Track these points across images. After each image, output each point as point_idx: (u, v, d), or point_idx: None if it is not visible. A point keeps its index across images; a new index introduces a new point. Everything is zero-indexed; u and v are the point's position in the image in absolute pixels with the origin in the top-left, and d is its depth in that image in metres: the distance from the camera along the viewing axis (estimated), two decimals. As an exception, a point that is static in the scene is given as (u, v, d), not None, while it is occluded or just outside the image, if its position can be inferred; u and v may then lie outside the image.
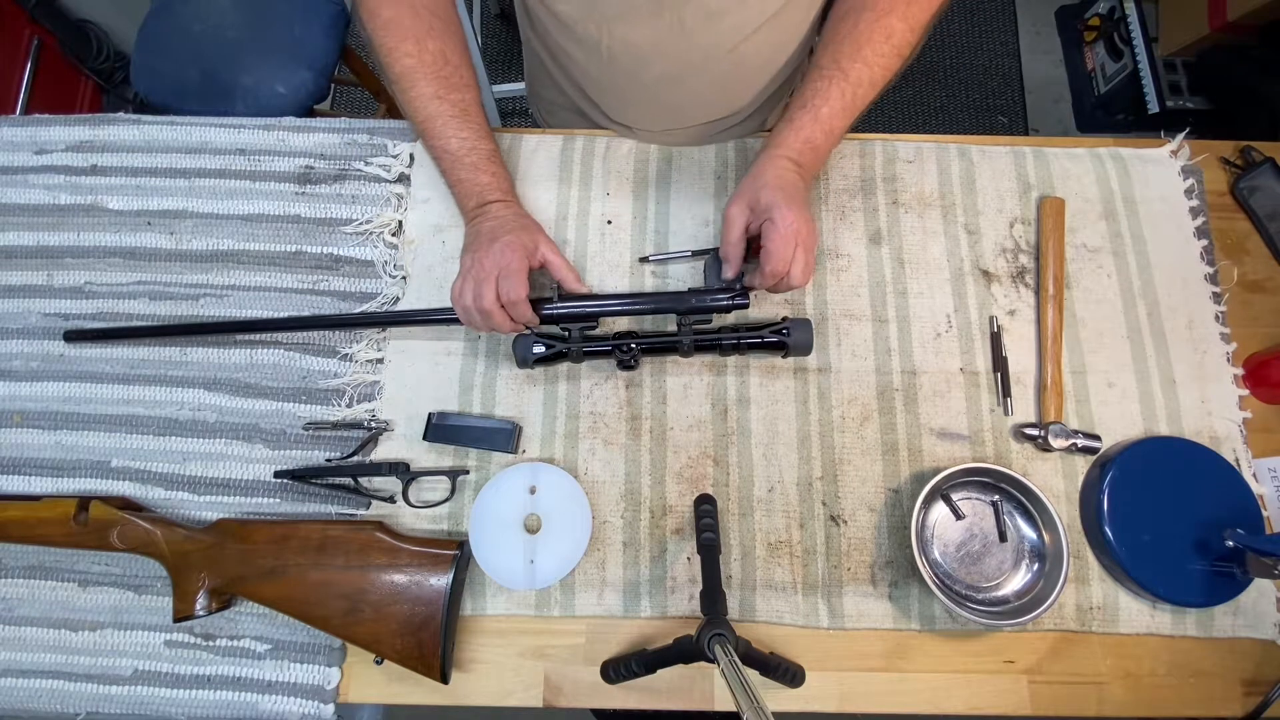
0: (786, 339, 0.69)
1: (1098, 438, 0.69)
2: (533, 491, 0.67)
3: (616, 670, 0.60)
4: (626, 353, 0.69)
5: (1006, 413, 0.71)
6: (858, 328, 0.74)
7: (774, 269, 0.63)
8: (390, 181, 0.80)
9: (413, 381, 0.73)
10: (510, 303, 0.64)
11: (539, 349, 0.69)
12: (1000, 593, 0.66)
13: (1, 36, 1.50)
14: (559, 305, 0.69)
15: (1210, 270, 0.76)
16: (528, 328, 0.69)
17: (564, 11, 0.72)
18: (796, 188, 0.65)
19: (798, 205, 0.64)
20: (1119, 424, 0.71)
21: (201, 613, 0.63)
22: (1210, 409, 0.72)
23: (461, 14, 1.36)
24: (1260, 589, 0.66)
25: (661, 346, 0.70)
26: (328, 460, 0.70)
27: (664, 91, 0.77)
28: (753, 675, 0.56)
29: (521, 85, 1.85)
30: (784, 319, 0.71)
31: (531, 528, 0.67)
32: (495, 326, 0.66)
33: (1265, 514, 0.67)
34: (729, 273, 0.69)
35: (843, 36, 0.67)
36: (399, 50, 0.68)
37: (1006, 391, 0.72)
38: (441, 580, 0.63)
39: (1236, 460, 0.70)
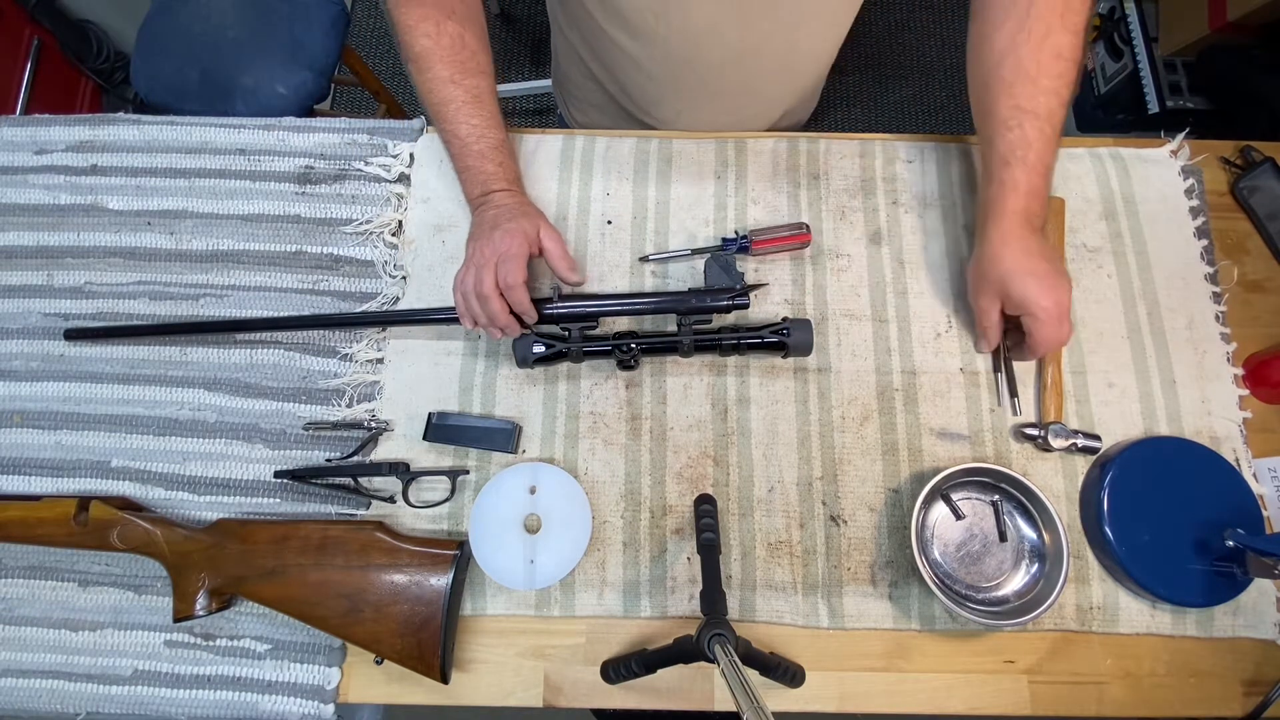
0: (786, 339, 0.69)
1: (1098, 438, 0.69)
2: (533, 491, 0.67)
3: (616, 670, 0.60)
4: (626, 353, 0.69)
5: (1015, 412, 0.71)
6: (858, 328, 0.74)
7: (1043, 351, 0.65)
8: (390, 181, 0.80)
9: (413, 381, 0.73)
10: (508, 287, 0.64)
11: (539, 349, 0.69)
12: (1000, 593, 0.66)
13: (1, 36, 1.50)
14: (559, 305, 0.69)
15: (1210, 270, 0.76)
16: (525, 325, 0.69)
17: None
18: (1042, 256, 0.63)
19: (1050, 281, 0.62)
20: (1119, 424, 0.71)
21: (201, 613, 0.63)
22: (1210, 409, 0.72)
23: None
24: (1260, 589, 0.66)
25: (661, 346, 0.70)
26: (328, 460, 0.70)
27: (715, 81, 0.77)
28: (753, 675, 0.56)
29: (522, 85, 1.86)
30: (784, 319, 0.71)
31: (531, 528, 0.67)
32: (492, 315, 0.65)
33: (1265, 514, 0.67)
34: (986, 349, 0.70)
35: (1010, 77, 0.63)
36: (418, 30, 0.68)
37: (1014, 391, 0.71)
38: (441, 580, 0.63)
39: (1236, 460, 0.70)
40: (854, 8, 0.76)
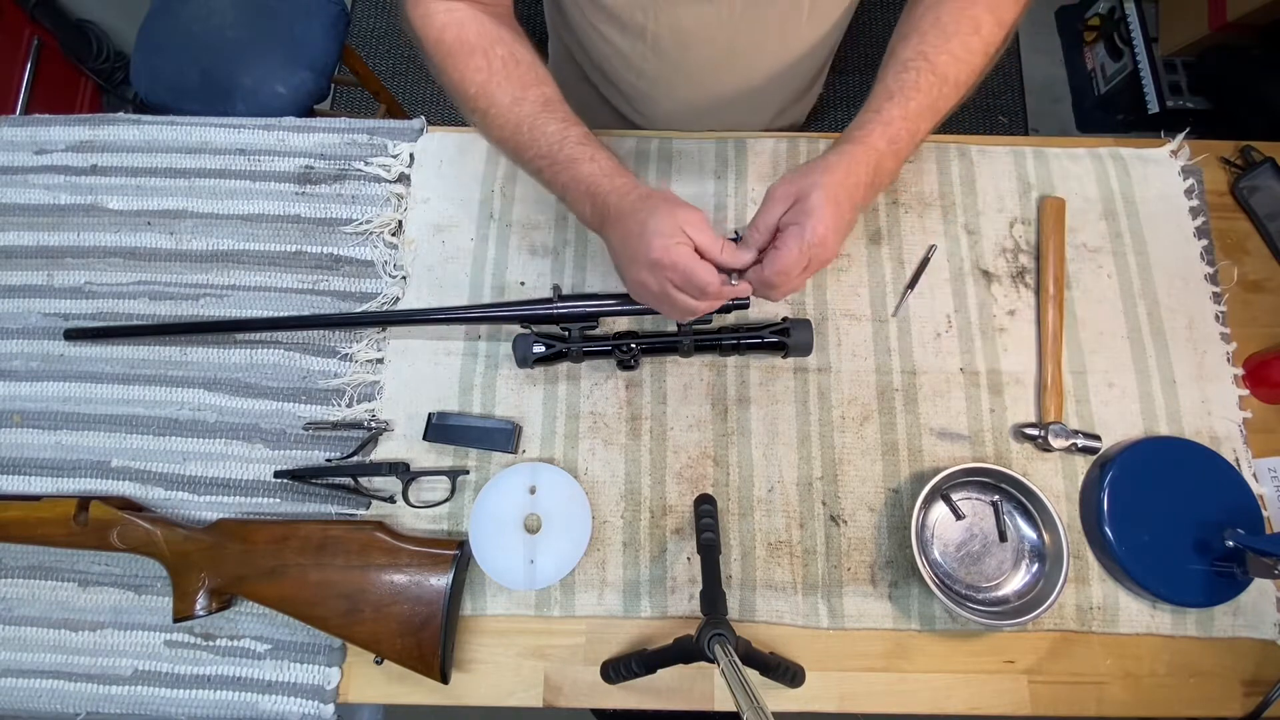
0: (786, 339, 0.69)
1: (1098, 438, 0.69)
2: (533, 491, 0.67)
3: (616, 670, 0.60)
4: (626, 353, 0.69)
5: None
6: (858, 328, 0.74)
7: (769, 276, 0.55)
8: (390, 181, 0.80)
9: (413, 381, 0.73)
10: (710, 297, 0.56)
11: (539, 348, 0.69)
12: (1000, 593, 0.66)
13: (1, 36, 1.50)
14: (559, 305, 0.69)
15: (1210, 270, 0.76)
16: (528, 328, 0.69)
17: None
18: (853, 200, 0.56)
19: (839, 223, 0.54)
20: (1119, 424, 0.71)
21: (201, 613, 0.63)
22: (1210, 409, 0.72)
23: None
24: (1260, 589, 0.66)
25: (661, 346, 0.70)
26: (328, 460, 0.70)
27: (706, 81, 0.77)
28: (753, 675, 0.56)
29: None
30: (784, 319, 0.71)
31: (531, 528, 0.67)
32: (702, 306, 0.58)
33: (1265, 514, 0.67)
34: (745, 255, 0.57)
35: (926, 28, 0.60)
36: (469, 68, 0.62)
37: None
38: (441, 580, 0.63)
39: (1236, 460, 0.70)
40: (848, 11, 0.76)
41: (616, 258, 0.60)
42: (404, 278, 0.76)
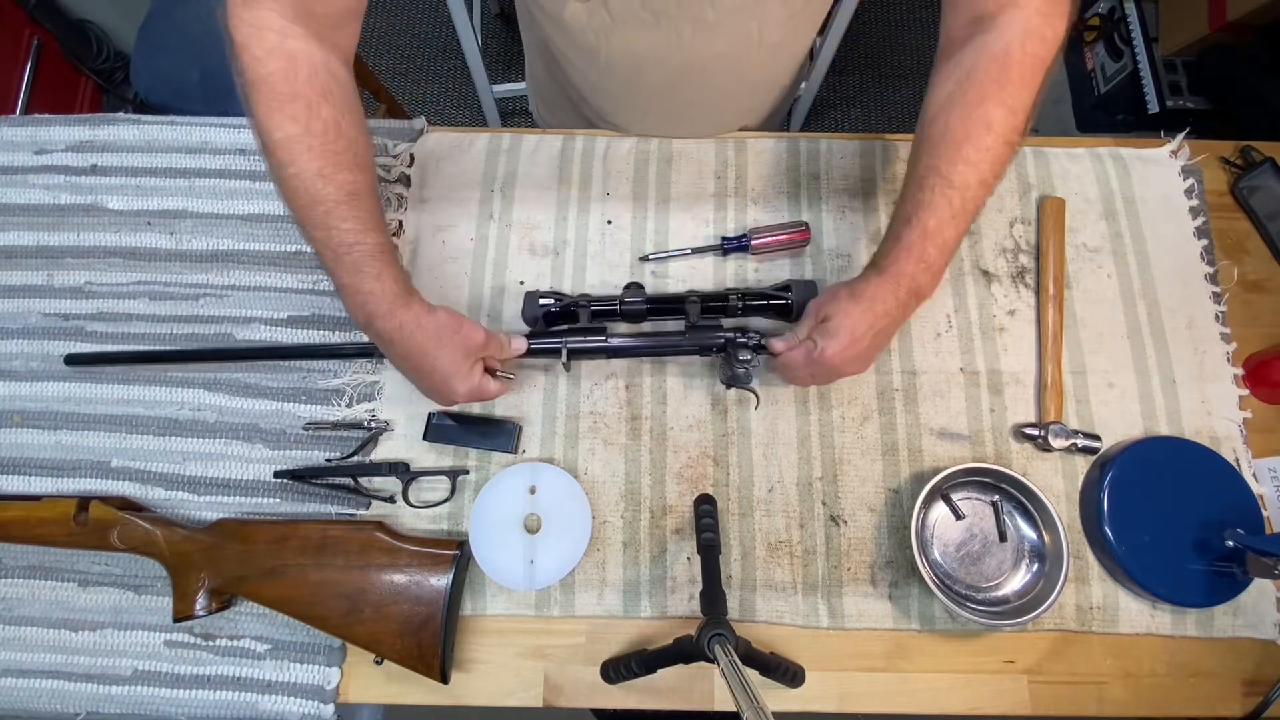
0: (792, 300, 0.69)
1: (1098, 438, 0.69)
2: (533, 491, 0.67)
3: (616, 670, 0.60)
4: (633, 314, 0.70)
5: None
6: (858, 328, 0.74)
7: (774, 365, 0.67)
8: (390, 181, 0.80)
9: (413, 381, 0.73)
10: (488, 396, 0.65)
11: (545, 301, 0.70)
12: (1000, 593, 0.66)
13: (1, 36, 1.49)
14: (571, 339, 0.68)
15: (1210, 270, 0.76)
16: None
17: (564, 18, 0.70)
18: (874, 329, 0.61)
19: (850, 352, 0.61)
20: (1119, 424, 0.71)
21: (201, 613, 0.63)
22: (1210, 409, 0.72)
23: (460, 14, 1.36)
24: (1260, 589, 0.66)
25: (667, 309, 0.70)
26: (328, 460, 0.70)
27: (660, 99, 0.77)
28: (753, 675, 0.56)
29: (522, 85, 1.86)
30: (788, 280, 0.71)
31: (531, 528, 0.67)
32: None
33: (1265, 514, 0.67)
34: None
35: (936, 140, 0.59)
36: (283, 112, 0.55)
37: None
38: (441, 580, 0.63)
39: (1236, 460, 0.70)
40: (808, 32, 0.75)
41: (415, 382, 0.63)
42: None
